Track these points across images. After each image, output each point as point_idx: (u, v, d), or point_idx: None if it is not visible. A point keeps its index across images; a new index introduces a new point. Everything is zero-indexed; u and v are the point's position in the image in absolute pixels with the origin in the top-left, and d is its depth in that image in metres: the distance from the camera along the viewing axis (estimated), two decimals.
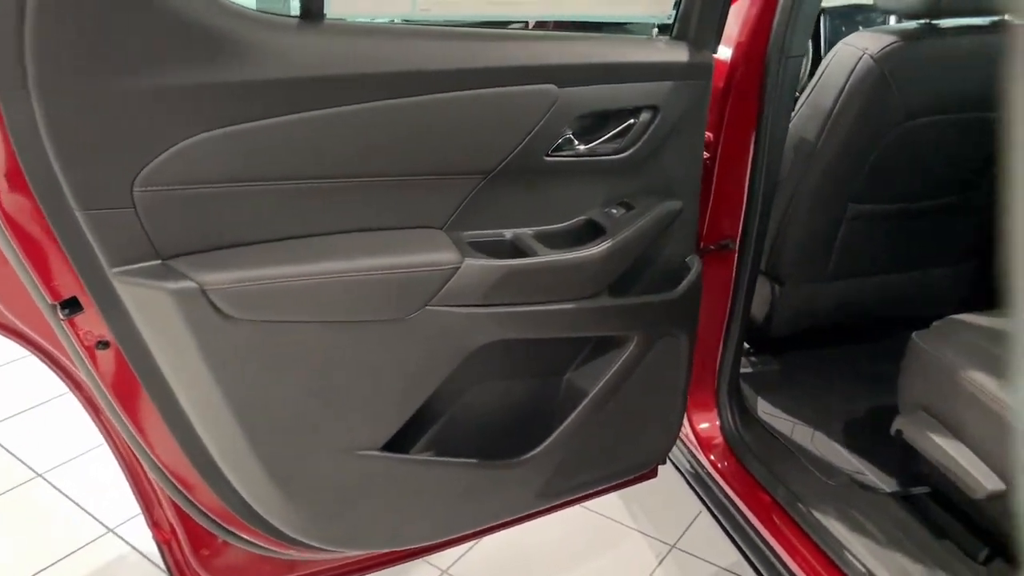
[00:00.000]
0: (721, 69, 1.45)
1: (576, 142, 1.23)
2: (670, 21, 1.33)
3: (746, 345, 1.90)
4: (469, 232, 1.21)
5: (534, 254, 1.21)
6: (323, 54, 1.00)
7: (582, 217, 1.30)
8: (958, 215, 1.84)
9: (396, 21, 1.17)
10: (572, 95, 1.19)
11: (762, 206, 1.53)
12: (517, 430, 1.38)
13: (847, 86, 1.55)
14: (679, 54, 1.28)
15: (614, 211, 1.30)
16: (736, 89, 1.48)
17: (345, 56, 1.01)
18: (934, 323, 1.49)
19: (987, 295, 2.01)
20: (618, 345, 1.38)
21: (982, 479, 1.27)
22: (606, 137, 1.25)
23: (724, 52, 1.44)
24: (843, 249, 1.80)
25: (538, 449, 1.36)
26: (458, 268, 1.13)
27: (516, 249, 1.23)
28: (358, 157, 1.07)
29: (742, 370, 1.80)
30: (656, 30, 1.34)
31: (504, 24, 1.52)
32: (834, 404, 1.86)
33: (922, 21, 1.57)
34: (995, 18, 1.59)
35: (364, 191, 1.10)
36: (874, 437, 1.69)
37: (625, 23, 1.43)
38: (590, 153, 1.25)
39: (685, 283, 1.37)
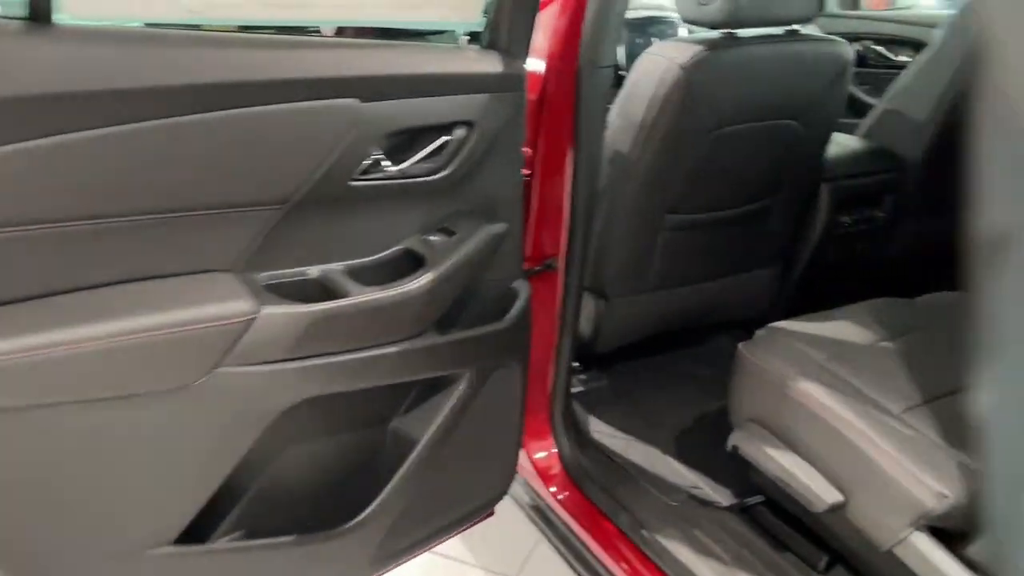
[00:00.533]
0: (533, 81, 1.37)
1: (386, 163, 1.09)
2: (479, 29, 1.22)
3: (574, 363, 1.85)
4: (266, 273, 1.03)
5: (346, 294, 1.05)
6: (56, 66, 0.79)
7: (398, 247, 1.16)
8: (766, 219, 1.89)
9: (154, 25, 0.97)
10: (377, 111, 1.05)
11: (584, 222, 1.47)
12: (341, 493, 1.21)
13: (657, 96, 1.52)
14: (492, 64, 1.17)
15: (434, 238, 1.17)
16: (550, 102, 1.40)
17: (87, 68, 0.81)
18: (757, 333, 1.49)
19: (797, 295, 2.11)
20: (448, 384, 1.25)
21: (821, 493, 1.26)
22: (419, 157, 1.12)
23: (533, 63, 1.36)
24: (664, 259, 1.79)
25: (366, 512, 1.19)
26: (253, 319, 0.95)
27: (325, 289, 1.06)
28: (116, 192, 0.86)
29: (572, 389, 1.74)
30: (465, 39, 1.23)
31: (295, 30, 1.35)
32: (666, 416, 1.85)
33: (722, 31, 1.58)
34: (788, 27, 1.64)
35: (128, 233, 0.89)
36: (707, 448, 1.69)
37: (431, 31, 1.30)
38: (402, 175, 1.11)
39: (515, 310, 1.27)
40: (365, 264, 1.12)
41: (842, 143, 2.04)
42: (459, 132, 1.14)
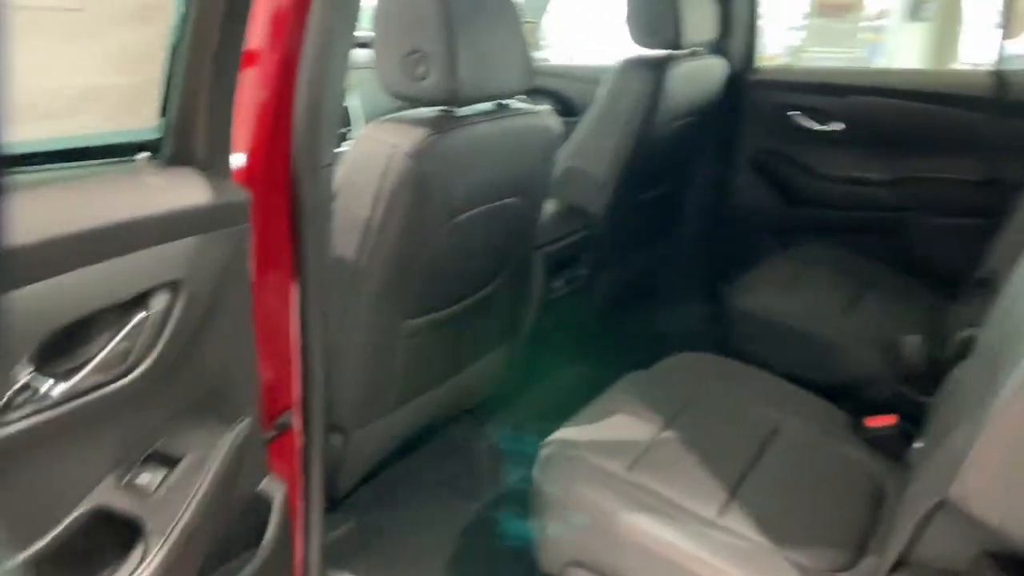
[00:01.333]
0: None
1: (44, 384, 0.66)
2: (158, 136, 0.83)
3: None
4: None
5: None
6: None
7: (83, 508, 0.72)
8: (497, 299, 1.71)
9: None
10: (18, 305, 0.62)
11: (320, 359, 1.13)
12: None
13: (384, 191, 1.24)
14: (192, 189, 0.79)
15: (144, 480, 0.75)
16: (260, 217, 1.04)
17: None
18: (543, 453, 1.29)
19: (526, 367, 1.98)
20: None
21: None
22: (97, 362, 0.70)
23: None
24: (405, 372, 1.50)
25: None
26: None
27: None
28: None
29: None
30: (144, 155, 0.82)
31: None
32: (428, 556, 1.57)
33: (439, 108, 1.35)
34: (501, 102, 1.47)
35: None
36: None
37: (80, 148, 0.85)
38: (73, 395, 0.68)
39: (270, 534, 0.89)
40: (39, 553, 0.66)
41: (547, 212, 1.95)
42: (158, 302, 0.75)
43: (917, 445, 1.32)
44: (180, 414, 0.79)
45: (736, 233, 2.64)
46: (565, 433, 1.34)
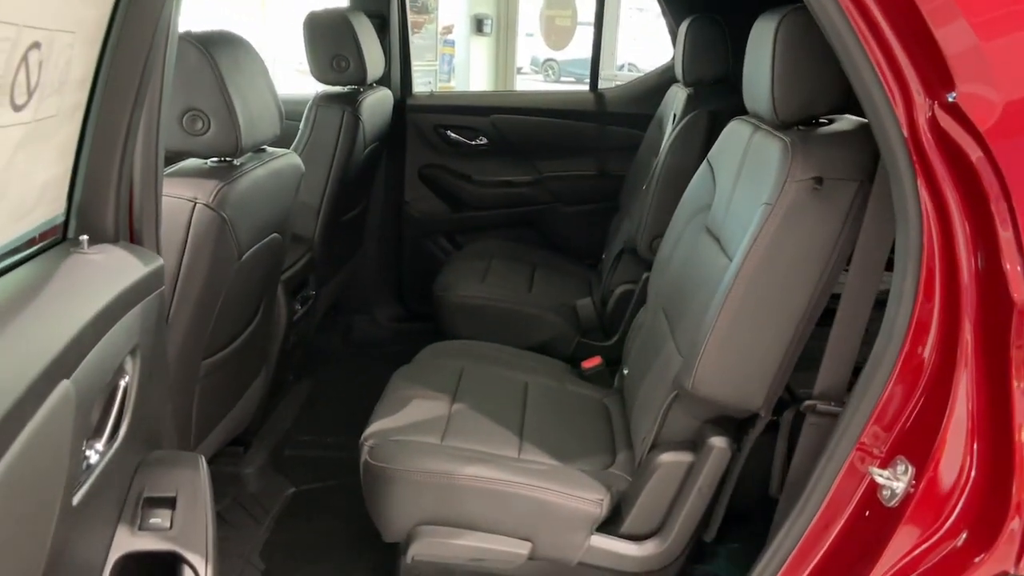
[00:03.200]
0: None
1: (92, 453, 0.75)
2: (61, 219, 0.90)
3: None
4: None
5: None
6: None
7: (113, 559, 0.80)
8: (260, 329, 1.84)
9: None
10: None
11: None
12: None
13: (191, 242, 1.36)
14: (133, 262, 0.90)
15: (155, 520, 0.84)
16: None
17: None
18: (369, 444, 1.51)
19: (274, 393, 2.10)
20: None
21: (516, 548, 1.43)
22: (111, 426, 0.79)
23: None
24: (200, 412, 1.58)
25: None
26: None
27: None
28: None
29: None
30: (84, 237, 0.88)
31: None
32: None
33: (216, 160, 1.49)
34: (262, 148, 1.63)
35: None
36: None
37: None
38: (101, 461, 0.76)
39: None
40: None
41: None
42: (128, 367, 0.85)
43: (625, 371, 1.83)
44: (142, 458, 0.88)
45: (415, 240, 3.02)
46: (378, 426, 1.57)
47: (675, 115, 2.33)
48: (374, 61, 2.39)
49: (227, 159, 1.49)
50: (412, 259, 3.04)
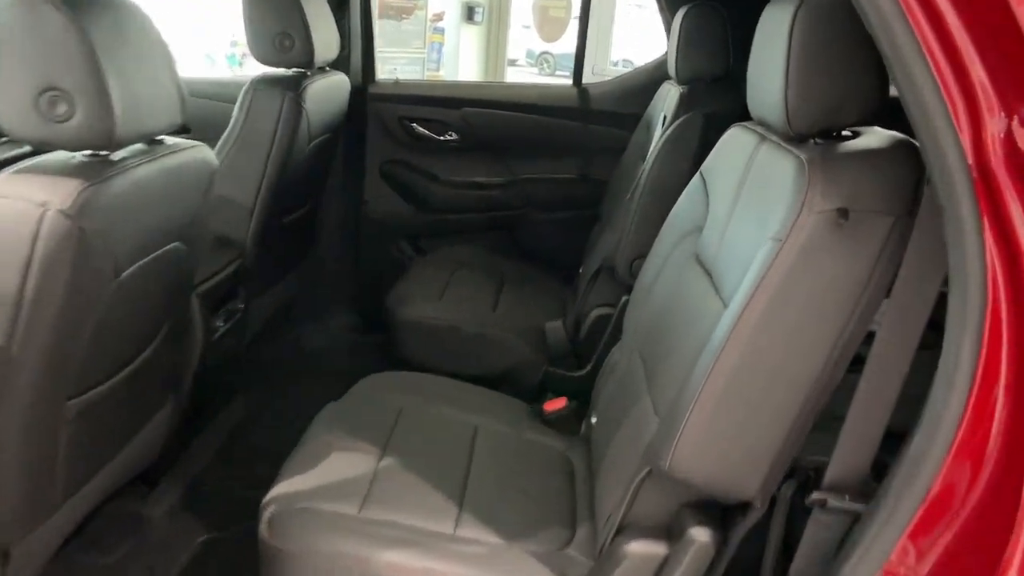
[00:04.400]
0: None
1: None
2: None
3: None
4: None
5: None
6: None
7: None
8: (158, 357, 1.53)
9: None
10: None
11: None
12: None
13: (38, 259, 1.05)
14: None
15: None
16: None
17: None
18: (268, 512, 1.22)
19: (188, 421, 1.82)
20: None
21: None
22: None
23: None
24: (69, 461, 1.28)
25: None
26: None
27: None
28: None
29: None
30: None
31: None
32: None
33: (89, 153, 1.18)
34: (154, 139, 1.32)
35: None
36: None
37: None
38: None
39: None
40: None
41: None
42: None
43: (593, 420, 1.55)
44: None
45: (375, 243, 2.72)
46: (286, 486, 1.28)
47: (665, 117, 2.04)
48: (325, 41, 2.08)
49: (101, 153, 1.19)
50: (371, 264, 2.74)
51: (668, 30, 2.44)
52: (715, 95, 1.98)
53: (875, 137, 1.07)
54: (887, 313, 0.95)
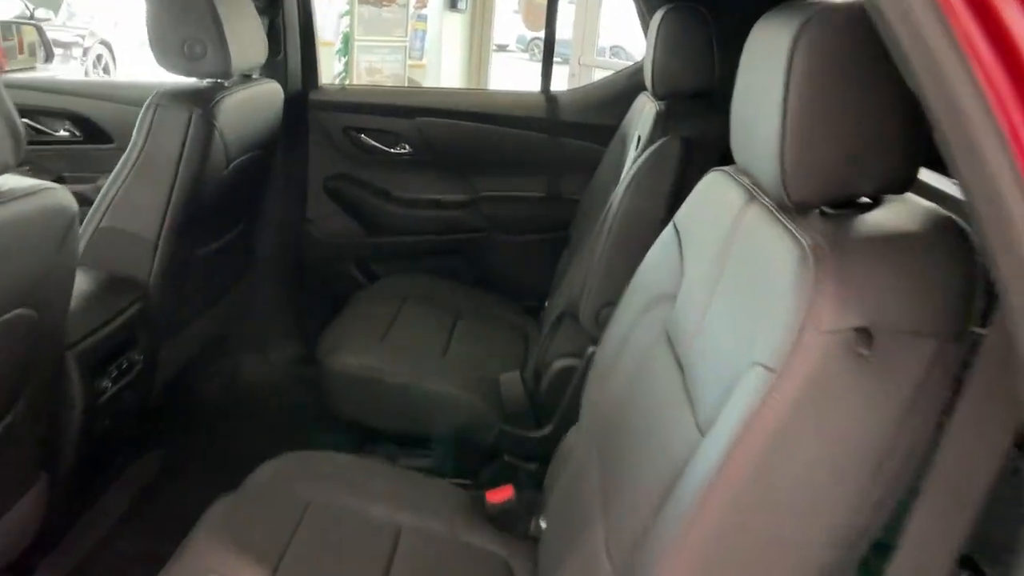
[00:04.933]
0: None
1: None
2: None
3: None
4: None
5: None
6: None
7: None
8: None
9: None
10: None
11: None
12: None
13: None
14: None
15: None
16: None
17: None
18: None
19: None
20: None
21: None
22: None
23: None
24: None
25: None
26: None
27: None
28: None
29: None
30: None
31: None
32: None
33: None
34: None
35: None
36: None
37: None
38: None
39: None
40: None
41: (81, 291, 1.50)
42: None
43: (542, 524, 1.27)
44: None
45: (320, 266, 2.43)
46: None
47: (640, 137, 1.75)
48: (246, 45, 1.78)
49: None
50: (315, 289, 2.45)
51: (645, 33, 2.15)
52: (697, 114, 1.69)
53: (906, 210, 0.78)
54: (934, 473, 0.66)
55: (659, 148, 1.57)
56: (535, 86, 2.43)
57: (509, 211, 2.37)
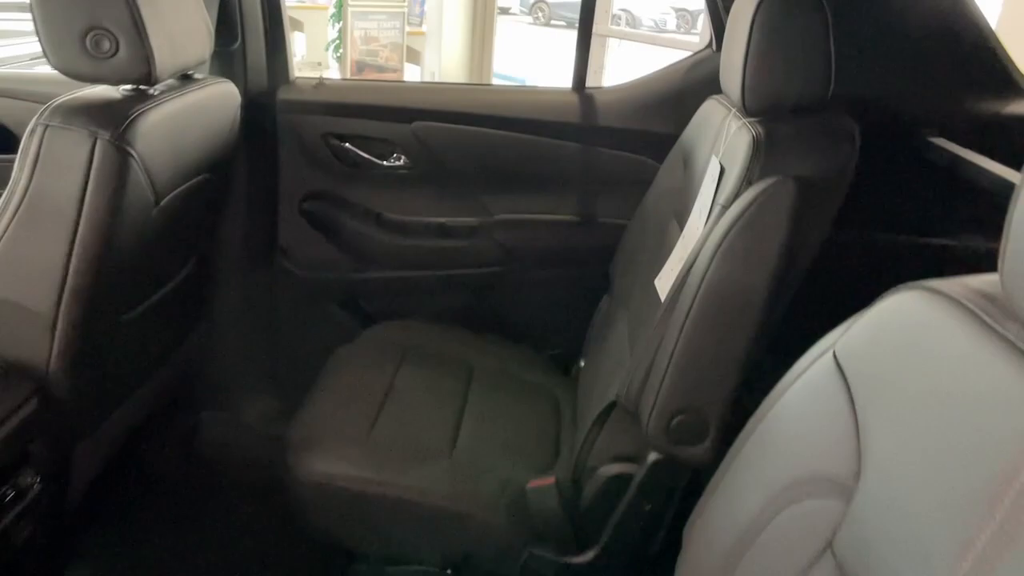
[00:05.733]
0: None
1: None
2: None
3: None
4: None
5: None
6: None
7: None
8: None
9: None
10: None
11: None
12: None
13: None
14: None
15: None
16: None
17: None
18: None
19: None
20: None
21: None
22: None
23: None
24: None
25: None
26: None
27: None
28: None
29: None
30: None
31: None
32: None
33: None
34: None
35: None
36: None
37: None
38: None
39: None
40: None
41: None
42: None
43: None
44: None
45: (296, 306, 1.97)
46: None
47: (723, 168, 1.26)
48: (180, 34, 1.29)
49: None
50: (292, 334, 1.99)
51: (715, 23, 1.66)
52: (805, 138, 1.22)
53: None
54: None
55: (765, 195, 1.09)
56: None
57: (530, 239, 1.90)
